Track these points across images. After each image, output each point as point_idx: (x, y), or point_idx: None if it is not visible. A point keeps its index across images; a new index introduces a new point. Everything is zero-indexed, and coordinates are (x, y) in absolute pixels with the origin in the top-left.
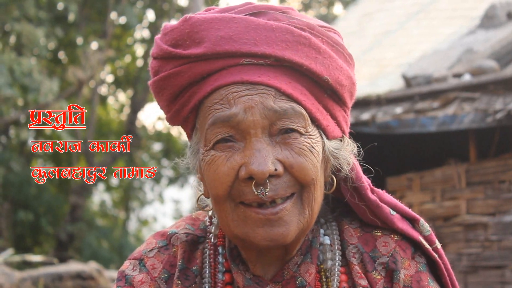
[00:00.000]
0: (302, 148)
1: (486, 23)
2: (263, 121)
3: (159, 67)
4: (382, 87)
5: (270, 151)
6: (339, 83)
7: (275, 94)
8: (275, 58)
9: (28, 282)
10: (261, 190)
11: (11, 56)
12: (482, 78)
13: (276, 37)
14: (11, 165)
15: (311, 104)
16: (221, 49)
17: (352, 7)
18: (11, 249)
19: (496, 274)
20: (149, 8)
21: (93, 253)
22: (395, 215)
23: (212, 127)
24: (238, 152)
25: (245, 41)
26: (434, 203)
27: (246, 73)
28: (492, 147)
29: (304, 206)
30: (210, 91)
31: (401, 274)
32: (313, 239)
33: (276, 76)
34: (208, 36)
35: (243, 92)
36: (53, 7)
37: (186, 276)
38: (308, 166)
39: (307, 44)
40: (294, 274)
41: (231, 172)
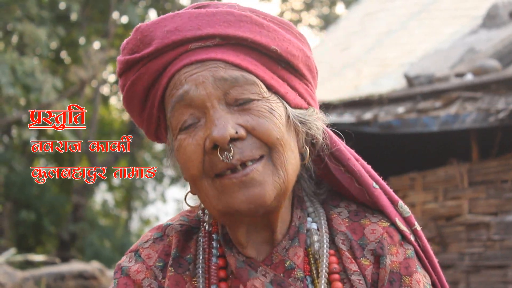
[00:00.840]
0: (261, 111)
1: (488, 23)
2: (216, 92)
3: (124, 81)
4: (384, 87)
5: (229, 118)
6: (289, 53)
7: (224, 65)
8: (220, 36)
9: (30, 282)
10: (225, 155)
11: (13, 55)
12: (484, 78)
13: (218, 19)
14: (13, 165)
15: (263, 73)
16: (169, 41)
17: (354, 7)
18: (13, 249)
19: (498, 273)
20: (151, 8)
21: (95, 252)
22: (377, 189)
23: (172, 112)
24: (201, 128)
25: (189, 28)
26: (436, 203)
27: (195, 55)
28: (494, 147)
29: (276, 167)
30: (167, 81)
31: (388, 260)
32: (300, 225)
33: (224, 52)
34: (157, 34)
35: (193, 71)
36: (55, 6)
37: (180, 264)
38: (270, 125)
39: (249, 21)
40: (283, 258)
41: (198, 148)
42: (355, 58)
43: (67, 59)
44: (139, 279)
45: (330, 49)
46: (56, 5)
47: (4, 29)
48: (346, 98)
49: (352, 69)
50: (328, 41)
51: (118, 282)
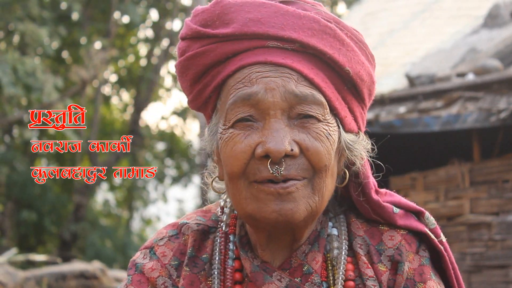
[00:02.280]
0: (319, 133)
1: (490, 23)
2: (283, 103)
3: (186, 47)
4: (385, 87)
5: (288, 132)
6: (359, 77)
7: (297, 78)
8: (300, 43)
9: (32, 282)
10: (276, 168)
11: (14, 55)
12: (486, 78)
13: (303, 24)
14: (14, 165)
15: (331, 93)
16: (249, 30)
17: (356, 6)
18: (15, 249)
19: (499, 273)
20: (152, 8)
21: (97, 252)
22: (399, 212)
23: (232, 105)
24: (257, 131)
25: (272, 24)
26: (437, 203)
27: (271, 55)
28: (496, 147)
29: (314, 191)
30: (235, 70)
31: (406, 266)
32: (321, 230)
33: (300, 61)
34: (237, 17)
35: (266, 73)
36: (57, 6)
37: (195, 263)
38: (323, 151)
39: (332, 35)
40: (302, 262)
41: (247, 150)
42: None
43: (69, 59)
44: (153, 277)
45: None
46: (57, 5)
47: (5, 29)
48: None
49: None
50: None
51: (132, 278)
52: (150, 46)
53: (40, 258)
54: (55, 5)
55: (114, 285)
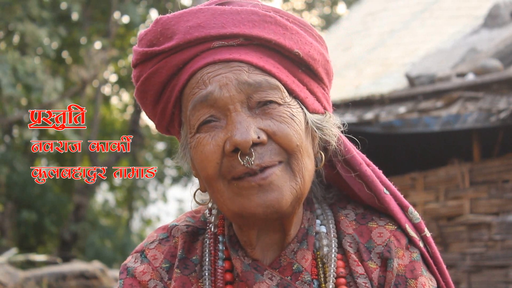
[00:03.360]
0: (282, 116)
1: (490, 23)
2: (239, 95)
3: (139, 72)
4: (385, 87)
5: (251, 122)
6: (311, 56)
7: (248, 69)
8: (244, 37)
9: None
10: (247, 159)
11: (14, 55)
12: (486, 78)
13: (242, 18)
14: (14, 165)
15: (285, 76)
16: (192, 37)
17: (356, 7)
18: (15, 249)
19: (499, 273)
20: (152, 8)
21: (97, 252)
22: (388, 195)
23: (193, 111)
24: (222, 129)
25: (213, 25)
26: (437, 203)
27: (218, 54)
28: (496, 147)
29: (294, 173)
30: (188, 78)
31: (395, 263)
32: (309, 228)
33: (247, 53)
34: (179, 29)
35: (217, 71)
36: (57, 6)
37: (186, 265)
38: (290, 132)
39: (273, 22)
40: (291, 261)
41: (217, 149)
42: (356, 58)
43: (69, 59)
44: (144, 280)
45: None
46: (57, 5)
47: (5, 29)
48: (348, 98)
49: (353, 69)
50: (330, 41)
51: (124, 282)
52: None
53: (40, 258)
54: (55, 5)
55: (114, 285)
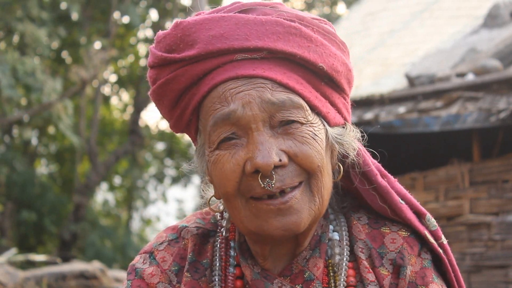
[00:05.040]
0: (304, 137)
1: (489, 23)
2: (262, 115)
3: (156, 75)
4: (385, 87)
5: (273, 143)
6: (334, 69)
7: (271, 86)
8: (268, 50)
9: (32, 282)
10: (267, 182)
11: (14, 55)
12: (486, 78)
13: (266, 30)
14: (14, 165)
15: (308, 93)
16: (214, 48)
17: (356, 7)
18: (15, 249)
19: (499, 273)
20: (152, 8)
21: (97, 252)
22: (404, 204)
23: (214, 127)
24: (242, 148)
25: (236, 37)
26: (437, 203)
27: (240, 68)
28: (496, 147)
29: (313, 194)
30: (208, 91)
31: (408, 270)
32: (322, 234)
33: (271, 68)
34: (200, 37)
35: (239, 88)
36: (56, 7)
37: (196, 269)
38: (312, 153)
39: (298, 34)
40: (303, 268)
41: (237, 168)
42: (356, 58)
43: (68, 59)
44: (153, 283)
45: None
46: (57, 5)
47: (5, 29)
48: None
49: (353, 69)
50: None
51: (132, 284)
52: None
53: (40, 258)
54: (55, 6)
55: (114, 285)
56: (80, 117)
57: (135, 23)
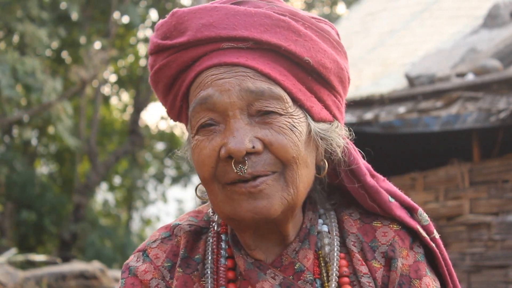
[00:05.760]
0: (281, 127)
1: (489, 23)
2: (240, 102)
3: (153, 61)
4: (385, 87)
5: (249, 130)
6: (322, 65)
7: (252, 75)
8: (254, 41)
9: (32, 282)
10: (240, 167)
11: (14, 55)
12: (486, 78)
13: (254, 22)
14: (14, 165)
15: (291, 84)
16: (202, 36)
17: (356, 7)
18: (15, 249)
19: (499, 273)
20: (152, 8)
21: (96, 252)
22: (393, 202)
23: (193, 112)
24: (219, 134)
25: (224, 26)
26: (437, 203)
27: (225, 56)
28: (496, 147)
29: (287, 184)
30: (194, 77)
31: (399, 263)
32: (311, 227)
33: (255, 58)
34: (191, 25)
35: (221, 75)
36: (56, 7)
37: (188, 264)
38: (288, 143)
39: (286, 27)
40: (293, 260)
41: (212, 154)
42: (356, 58)
43: (68, 59)
44: (146, 279)
45: None
46: (57, 6)
47: (5, 29)
48: (348, 98)
49: (353, 69)
50: None
51: (126, 282)
52: None
53: (40, 258)
54: (55, 6)
55: (114, 285)
56: (80, 117)
57: (135, 23)
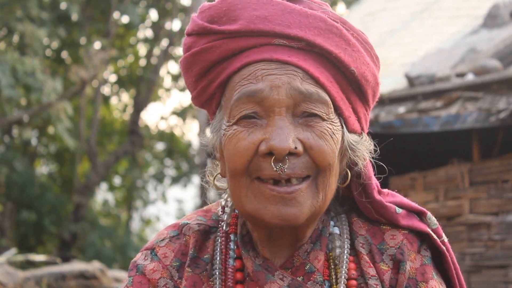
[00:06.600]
0: (323, 132)
1: (489, 23)
2: (288, 101)
3: (192, 43)
4: (385, 87)
5: (292, 130)
6: (364, 77)
7: (302, 76)
8: (307, 42)
9: (31, 282)
10: (280, 166)
11: (14, 55)
12: (486, 78)
13: (309, 23)
14: (14, 165)
15: (335, 92)
16: (255, 27)
17: (356, 6)
18: (15, 249)
19: (499, 273)
20: (152, 8)
21: (96, 252)
22: (401, 212)
23: (237, 102)
24: (260, 128)
25: (279, 22)
26: (437, 203)
27: (277, 52)
28: (496, 147)
29: (318, 190)
30: (240, 67)
31: (407, 266)
32: (323, 229)
33: (306, 59)
34: (244, 14)
35: (271, 70)
36: (56, 7)
37: (197, 264)
38: (327, 150)
39: (338, 34)
40: (304, 261)
41: (251, 147)
42: None
43: (68, 59)
44: (154, 279)
45: None
46: (57, 6)
47: (5, 29)
48: None
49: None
50: None
51: (133, 280)
52: (149, 46)
53: (40, 258)
54: (55, 6)
55: (114, 285)
56: (80, 117)
57: (135, 23)
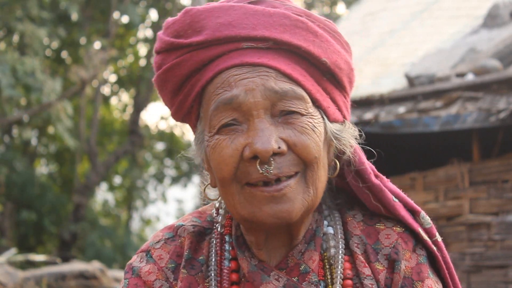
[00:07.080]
0: (304, 127)
1: (489, 23)
2: (264, 102)
3: (162, 60)
4: (385, 87)
5: (273, 130)
6: (337, 66)
7: (275, 75)
8: (274, 41)
9: (31, 282)
10: (265, 168)
11: (14, 55)
12: (485, 78)
13: (274, 22)
14: (14, 165)
15: (311, 85)
16: (221, 35)
17: (355, 7)
18: (14, 249)
19: (499, 273)
20: (152, 8)
21: (96, 252)
22: (397, 202)
23: (215, 111)
24: (242, 134)
25: (244, 25)
26: (437, 203)
27: (246, 56)
28: (495, 147)
29: (308, 185)
30: (212, 76)
31: (402, 265)
32: (317, 229)
33: (276, 58)
34: (208, 24)
35: (244, 74)
36: (56, 7)
37: (192, 265)
38: (311, 144)
39: (304, 28)
40: (298, 261)
41: (235, 153)
42: (356, 58)
43: (68, 59)
44: (150, 280)
45: None
46: (57, 6)
47: (5, 29)
48: None
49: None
50: None
51: (129, 282)
52: (149, 46)
53: (40, 258)
54: (55, 6)
55: (114, 285)
56: (80, 117)
57: (135, 23)
